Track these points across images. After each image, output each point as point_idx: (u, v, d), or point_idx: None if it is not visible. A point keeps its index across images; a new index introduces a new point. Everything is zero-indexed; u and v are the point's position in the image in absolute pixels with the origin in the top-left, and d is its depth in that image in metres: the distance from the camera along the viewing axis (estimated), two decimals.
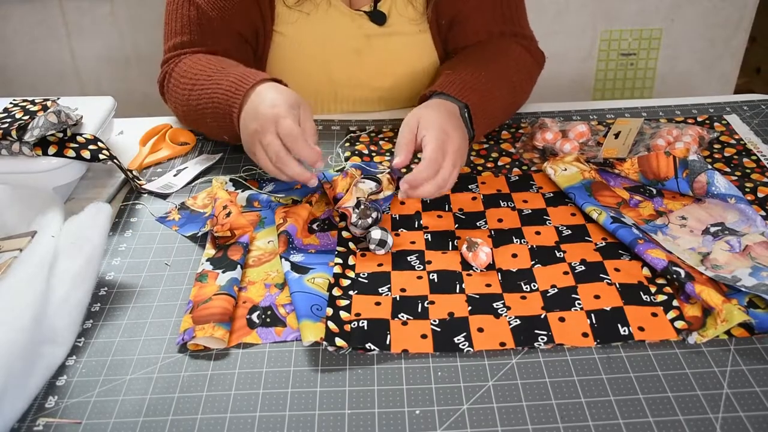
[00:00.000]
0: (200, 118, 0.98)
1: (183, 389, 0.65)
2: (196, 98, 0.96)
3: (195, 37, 1.03)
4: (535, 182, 0.93)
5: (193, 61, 1.00)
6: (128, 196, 0.94)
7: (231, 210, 0.84)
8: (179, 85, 1.00)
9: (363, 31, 1.06)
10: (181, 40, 1.04)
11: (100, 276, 0.79)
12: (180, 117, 1.06)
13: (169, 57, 1.05)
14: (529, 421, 0.61)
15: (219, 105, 0.92)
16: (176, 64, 1.03)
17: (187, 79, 0.98)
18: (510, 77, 1.02)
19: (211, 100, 0.93)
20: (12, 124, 0.88)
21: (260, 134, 0.83)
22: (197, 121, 1.00)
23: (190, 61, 1.00)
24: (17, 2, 1.74)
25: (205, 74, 0.96)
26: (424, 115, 0.87)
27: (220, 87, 0.92)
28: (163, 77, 1.06)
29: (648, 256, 0.75)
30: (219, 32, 1.03)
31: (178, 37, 1.04)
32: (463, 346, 0.68)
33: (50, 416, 0.63)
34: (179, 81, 1.00)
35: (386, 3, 1.06)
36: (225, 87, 0.91)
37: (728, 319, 0.66)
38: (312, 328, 0.69)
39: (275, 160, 0.82)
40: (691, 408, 0.61)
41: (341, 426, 0.61)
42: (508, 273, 0.77)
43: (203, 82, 0.95)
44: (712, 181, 0.84)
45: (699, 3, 1.81)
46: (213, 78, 0.94)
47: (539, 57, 1.11)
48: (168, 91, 1.04)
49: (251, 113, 0.86)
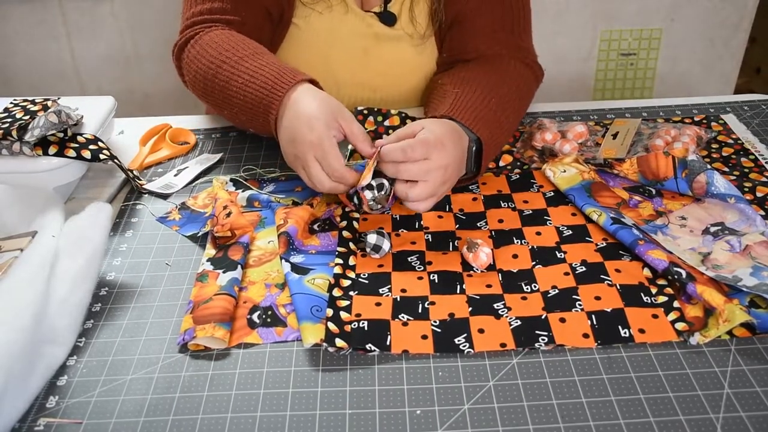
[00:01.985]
0: (225, 102, 0.93)
1: (184, 389, 0.65)
2: (225, 80, 0.91)
3: (226, 4, 1.00)
4: (536, 180, 0.93)
5: (223, 37, 0.95)
6: (129, 196, 0.94)
7: (231, 210, 0.84)
8: (204, 59, 0.95)
9: (372, 30, 1.06)
10: (209, 6, 1.00)
11: (100, 276, 0.79)
12: (198, 92, 0.99)
13: (195, 21, 1.01)
14: (530, 421, 0.61)
15: (254, 101, 0.88)
16: (206, 32, 0.98)
17: (215, 54, 0.93)
18: (514, 103, 0.98)
19: (244, 91, 0.89)
20: (12, 124, 0.88)
21: (301, 161, 0.82)
22: (221, 102, 0.94)
23: (218, 36, 0.96)
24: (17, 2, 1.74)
25: (237, 55, 0.91)
26: (429, 123, 0.84)
27: (254, 79, 0.88)
28: (184, 42, 1.00)
29: (649, 257, 0.75)
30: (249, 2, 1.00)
31: (205, 2, 1.00)
32: (464, 347, 0.68)
33: (51, 416, 0.63)
34: (205, 53, 0.95)
35: (396, 4, 1.06)
36: (260, 82, 0.87)
37: (730, 319, 0.66)
38: (312, 330, 0.69)
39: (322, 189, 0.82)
40: (692, 408, 0.61)
41: (342, 426, 0.61)
42: (508, 274, 0.77)
43: (233, 64, 0.91)
44: (712, 181, 0.84)
45: (699, 3, 1.81)
46: (245, 64, 0.90)
47: (539, 73, 1.09)
48: (187, 59, 0.99)
49: (289, 133, 0.83)
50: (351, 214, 0.87)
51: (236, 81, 0.90)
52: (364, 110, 1.05)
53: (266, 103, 0.86)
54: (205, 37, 0.97)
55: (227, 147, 1.04)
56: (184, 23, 1.03)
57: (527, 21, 1.09)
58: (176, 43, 1.02)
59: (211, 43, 0.96)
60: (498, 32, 1.05)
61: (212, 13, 1.00)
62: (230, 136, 1.07)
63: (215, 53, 0.94)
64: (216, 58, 0.93)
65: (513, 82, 1.00)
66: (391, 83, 1.11)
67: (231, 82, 0.91)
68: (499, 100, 0.94)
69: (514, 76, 1.02)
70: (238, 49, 0.93)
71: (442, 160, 0.80)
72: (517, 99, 0.99)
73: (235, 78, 0.90)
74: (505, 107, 0.95)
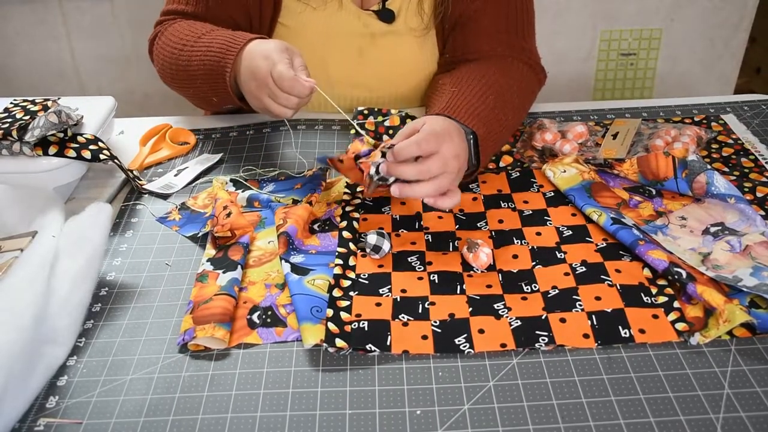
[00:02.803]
0: (189, 79, 1.01)
1: (184, 389, 0.65)
2: (186, 59, 0.99)
3: (190, 8, 1.07)
4: (536, 180, 0.93)
5: (184, 25, 1.03)
6: (129, 196, 0.94)
7: (231, 210, 0.84)
8: (168, 46, 1.03)
9: (369, 30, 1.06)
10: (176, 8, 1.08)
11: (100, 276, 0.79)
12: (167, 78, 1.07)
13: (163, 19, 1.09)
14: (530, 421, 0.61)
15: (211, 66, 0.95)
16: (168, 26, 1.06)
17: (177, 40, 1.01)
18: (514, 101, 0.98)
19: (202, 62, 0.97)
20: (12, 124, 0.88)
21: (263, 89, 0.89)
22: (185, 82, 1.03)
23: (180, 25, 1.04)
24: (17, 2, 1.74)
25: (195, 36, 0.99)
26: (429, 119, 0.85)
27: (210, 49, 0.96)
28: (154, 36, 1.09)
29: (649, 257, 0.75)
30: (213, 11, 1.05)
31: (174, 4, 1.09)
32: (464, 347, 0.68)
33: (51, 416, 0.63)
34: (169, 41, 1.03)
35: (396, 1, 1.06)
36: (216, 48, 0.95)
37: (730, 319, 0.66)
38: (312, 331, 0.69)
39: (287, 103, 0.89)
40: (692, 408, 0.61)
41: (342, 426, 0.61)
42: (508, 274, 0.77)
43: (193, 43, 0.99)
44: (712, 181, 0.84)
45: (699, 3, 1.81)
46: (202, 40, 0.98)
47: (541, 75, 1.09)
48: (156, 50, 1.07)
49: (248, 73, 0.91)
50: (351, 215, 0.87)
51: (195, 56, 0.98)
52: (365, 110, 1.05)
53: (222, 64, 0.94)
54: (170, 29, 1.05)
55: (227, 147, 1.04)
56: (156, 20, 1.11)
57: (531, 23, 1.09)
58: (149, 38, 1.11)
59: (173, 32, 1.04)
60: (501, 33, 1.05)
61: (178, 14, 1.08)
62: (230, 136, 1.07)
63: (176, 40, 1.02)
64: (178, 42, 1.02)
65: (514, 81, 1.00)
66: (389, 84, 1.11)
67: (192, 59, 0.99)
68: (498, 97, 0.95)
69: (515, 76, 1.02)
70: (196, 31, 1.00)
71: (452, 149, 0.81)
72: (517, 97, 0.99)
73: (195, 53, 0.98)
74: (505, 105, 0.95)
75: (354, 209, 0.88)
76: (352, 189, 0.92)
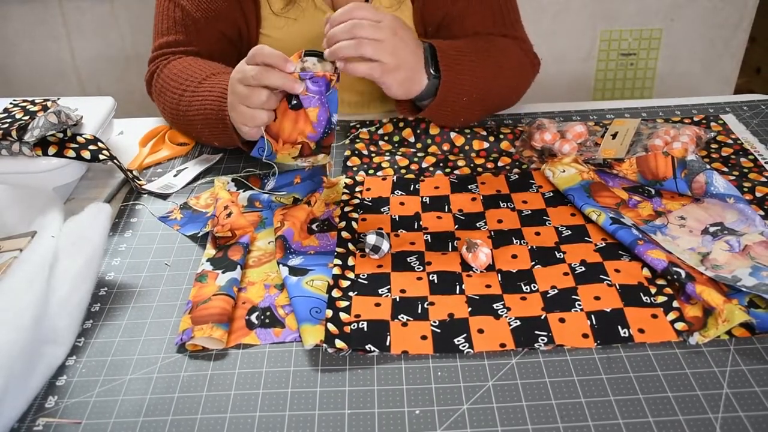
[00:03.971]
0: (190, 125, 1.00)
1: (183, 389, 0.65)
2: (186, 105, 0.98)
3: (180, 37, 1.05)
4: (535, 180, 0.93)
5: (181, 67, 1.01)
6: (128, 196, 0.94)
7: (232, 210, 0.84)
8: (168, 90, 1.02)
9: None
10: (167, 40, 1.06)
11: (100, 276, 0.79)
12: (168, 119, 1.07)
13: (156, 56, 1.08)
14: (529, 421, 0.61)
15: (210, 113, 0.93)
16: (164, 65, 1.04)
17: (176, 84, 1.00)
18: (496, 59, 1.00)
19: (203, 107, 0.95)
20: (12, 125, 0.88)
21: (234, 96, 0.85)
22: (186, 126, 1.02)
23: (177, 66, 1.02)
24: (17, 2, 1.74)
25: (196, 81, 0.97)
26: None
27: (211, 94, 0.94)
28: (150, 76, 1.08)
29: (648, 257, 0.75)
30: (203, 32, 1.05)
31: (164, 36, 1.07)
32: (463, 347, 0.68)
33: (50, 416, 0.63)
34: (168, 84, 1.02)
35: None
36: (216, 95, 0.92)
37: (729, 319, 0.66)
38: (312, 332, 0.69)
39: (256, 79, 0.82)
40: (691, 408, 0.61)
41: (341, 426, 0.61)
42: (507, 274, 0.77)
43: (193, 89, 0.97)
44: (711, 181, 0.84)
45: (699, 3, 1.81)
46: (203, 85, 0.96)
47: (534, 60, 1.09)
48: (155, 92, 1.06)
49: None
50: (350, 215, 0.87)
51: (196, 101, 0.96)
52: (357, 124, 1.05)
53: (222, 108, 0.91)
54: (165, 70, 1.04)
55: (227, 148, 1.04)
56: (150, 56, 1.09)
57: (515, 13, 1.10)
58: (145, 78, 1.10)
59: (170, 74, 1.02)
60: (489, 29, 1.06)
61: (170, 47, 1.07)
62: None
63: (175, 84, 1.00)
64: (178, 87, 1.00)
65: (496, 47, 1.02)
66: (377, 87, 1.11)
67: (192, 104, 0.97)
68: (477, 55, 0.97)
69: (499, 44, 1.03)
70: (195, 74, 0.98)
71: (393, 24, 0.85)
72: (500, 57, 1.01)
73: (195, 98, 0.96)
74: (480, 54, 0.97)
75: (353, 209, 0.88)
76: (351, 189, 0.92)
